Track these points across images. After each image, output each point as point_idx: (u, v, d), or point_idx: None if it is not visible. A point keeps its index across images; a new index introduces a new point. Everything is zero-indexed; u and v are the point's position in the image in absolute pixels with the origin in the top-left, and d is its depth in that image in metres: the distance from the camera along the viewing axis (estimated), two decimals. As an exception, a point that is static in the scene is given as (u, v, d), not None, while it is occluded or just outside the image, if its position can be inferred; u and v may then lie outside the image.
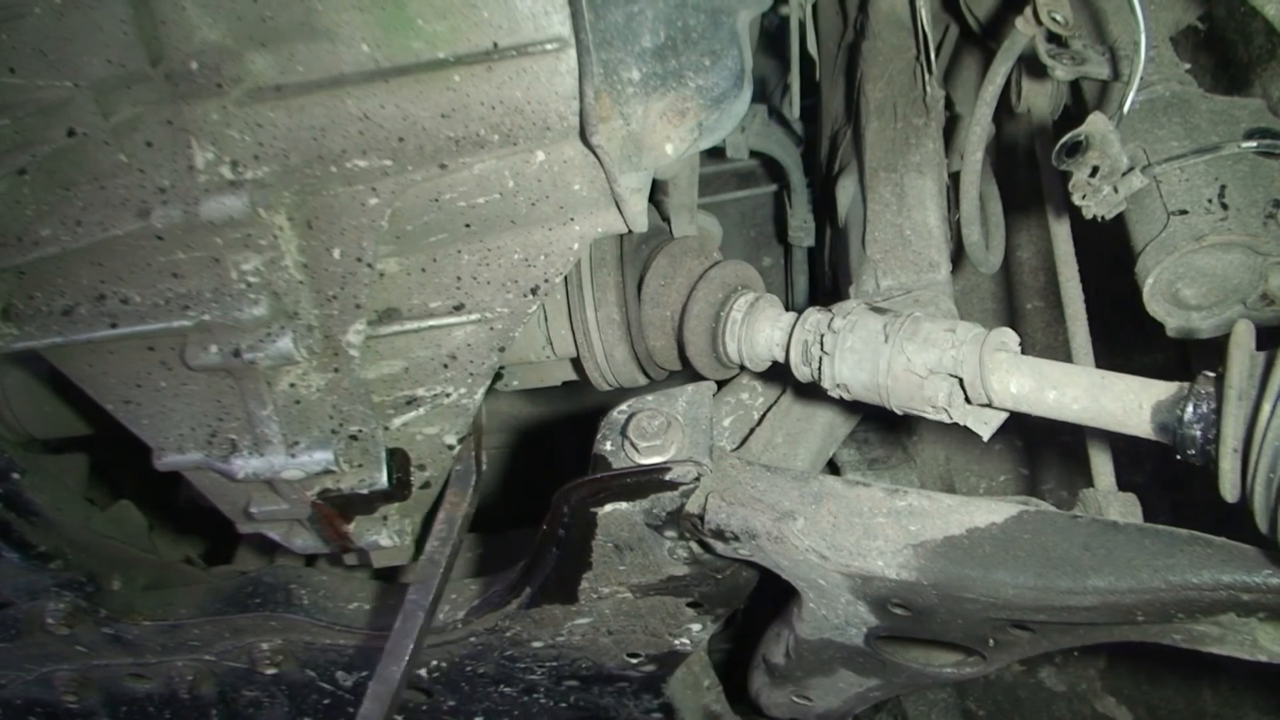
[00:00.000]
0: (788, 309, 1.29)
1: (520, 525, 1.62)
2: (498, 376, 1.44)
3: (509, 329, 1.21)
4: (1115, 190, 1.08)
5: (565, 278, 1.28)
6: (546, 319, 1.34)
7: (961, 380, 1.08)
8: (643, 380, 1.42)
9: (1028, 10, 1.25)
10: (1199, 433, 0.93)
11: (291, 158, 1.08)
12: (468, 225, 1.16)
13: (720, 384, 1.36)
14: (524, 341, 1.35)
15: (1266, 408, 0.86)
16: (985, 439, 1.12)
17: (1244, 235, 1.07)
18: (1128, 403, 0.99)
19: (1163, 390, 0.98)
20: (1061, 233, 1.48)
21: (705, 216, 1.72)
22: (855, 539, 1.07)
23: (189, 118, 1.07)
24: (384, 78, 1.04)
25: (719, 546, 1.14)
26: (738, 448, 1.35)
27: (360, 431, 1.23)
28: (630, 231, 1.17)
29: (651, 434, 1.12)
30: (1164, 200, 1.12)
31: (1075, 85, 1.46)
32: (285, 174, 1.09)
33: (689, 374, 1.32)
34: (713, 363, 1.28)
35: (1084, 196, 1.10)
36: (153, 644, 1.43)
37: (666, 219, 1.51)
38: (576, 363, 1.40)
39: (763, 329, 1.22)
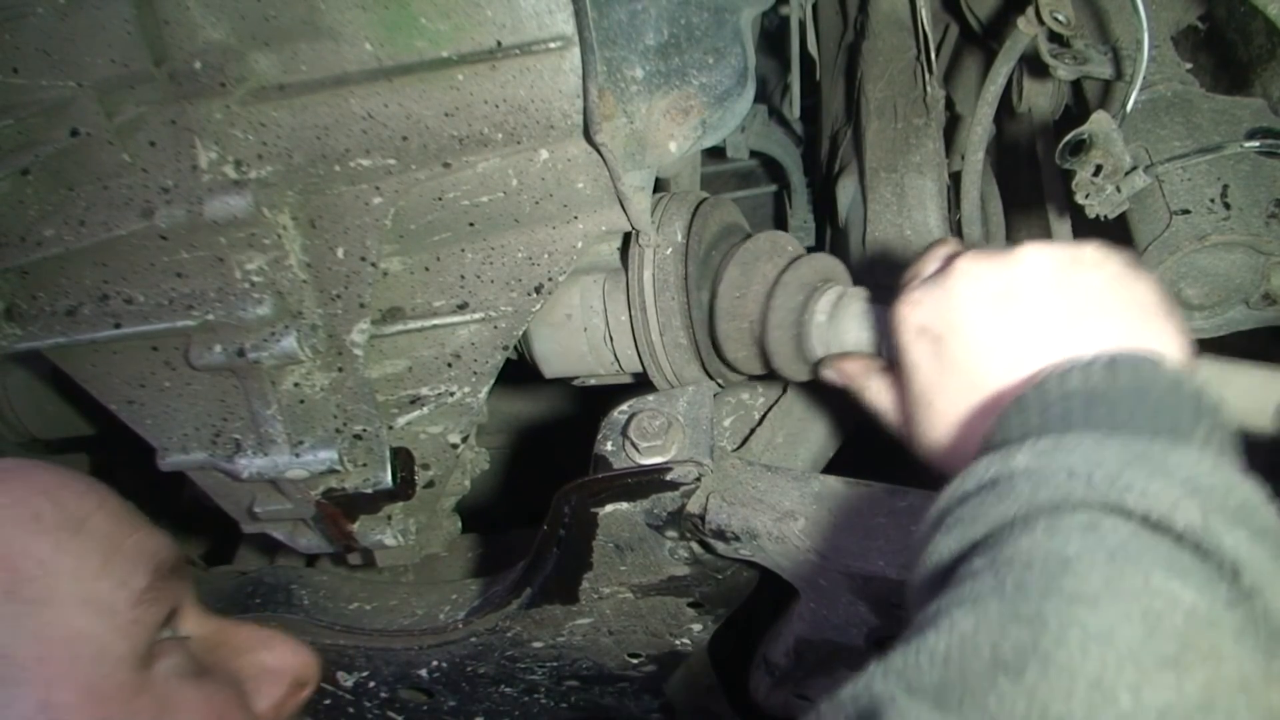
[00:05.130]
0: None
1: (520, 525, 1.62)
2: (572, 378, 1.41)
3: (513, 328, 1.21)
4: (1118, 189, 1.09)
5: (628, 300, 1.24)
6: (612, 339, 1.28)
7: None
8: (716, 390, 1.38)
9: (1030, 10, 1.26)
10: None
11: (295, 157, 1.08)
12: (471, 224, 1.16)
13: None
14: (593, 360, 1.31)
15: None
16: None
17: (1246, 235, 1.08)
18: (1250, 401, 0.94)
19: None
20: (1062, 232, 1.48)
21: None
22: (856, 539, 1.07)
23: (192, 117, 1.07)
24: (387, 76, 1.04)
25: (720, 547, 1.14)
26: (738, 448, 1.35)
27: (364, 431, 1.23)
28: (634, 230, 1.17)
29: (652, 434, 1.12)
30: (1166, 200, 1.12)
31: (1077, 85, 1.46)
32: (289, 173, 1.09)
33: (775, 379, 1.29)
34: (803, 368, 1.20)
35: (1087, 195, 1.10)
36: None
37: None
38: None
39: (850, 329, 1.12)
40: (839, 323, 1.14)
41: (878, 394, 1.02)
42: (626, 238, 1.25)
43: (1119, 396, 0.70)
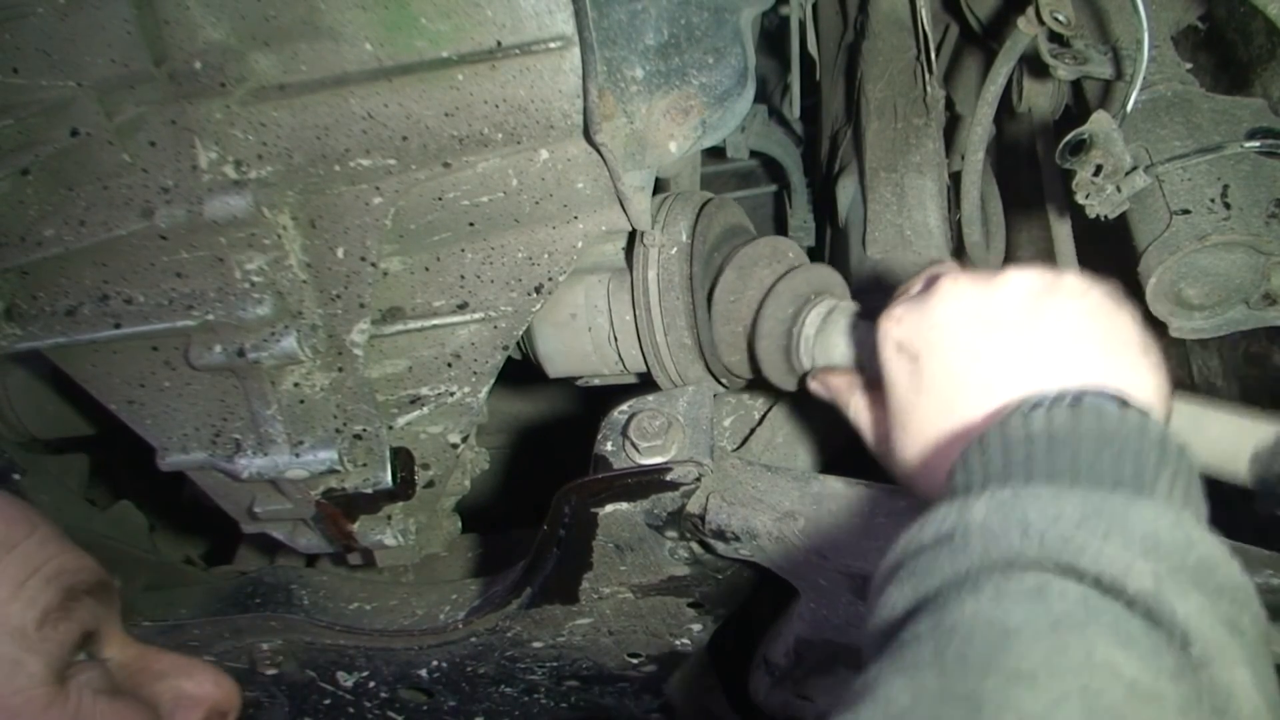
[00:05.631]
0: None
1: (520, 525, 1.62)
2: (576, 377, 1.41)
3: (513, 328, 1.21)
4: (1118, 189, 1.09)
5: (633, 300, 1.25)
6: (617, 340, 1.29)
7: None
8: (720, 390, 1.38)
9: (1030, 10, 1.26)
10: None
11: (295, 157, 1.08)
12: (471, 224, 1.16)
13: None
14: (597, 359, 1.31)
15: None
16: None
17: (1247, 235, 1.08)
18: (1224, 448, 0.92)
19: (1265, 435, 0.91)
20: (1062, 233, 1.48)
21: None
22: (856, 539, 1.07)
23: (192, 117, 1.07)
24: (387, 76, 1.04)
25: (720, 547, 1.14)
26: (738, 448, 1.35)
27: (364, 431, 1.23)
28: (634, 229, 1.17)
29: (652, 434, 1.12)
30: (1166, 200, 1.12)
31: (1077, 85, 1.46)
32: (289, 173, 1.09)
33: (766, 385, 1.28)
34: (790, 379, 1.20)
35: (1087, 195, 1.10)
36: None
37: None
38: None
39: (836, 343, 1.13)
40: (826, 336, 1.14)
41: (858, 411, 1.02)
42: (631, 237, 1.25)
43: (1081, 440, 0.69)
